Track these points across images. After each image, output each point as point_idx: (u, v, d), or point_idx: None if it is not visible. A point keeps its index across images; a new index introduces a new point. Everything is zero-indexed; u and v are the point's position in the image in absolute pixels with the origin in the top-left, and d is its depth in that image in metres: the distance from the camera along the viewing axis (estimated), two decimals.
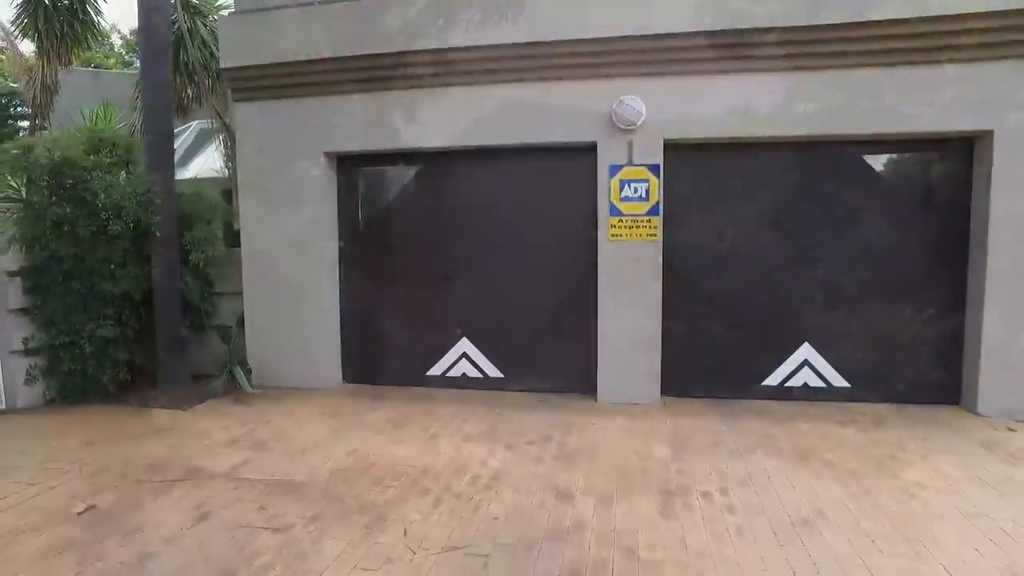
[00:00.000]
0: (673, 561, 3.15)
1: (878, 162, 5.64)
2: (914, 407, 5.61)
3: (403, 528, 3.49)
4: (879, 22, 5.14)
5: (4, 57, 12.77)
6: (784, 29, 5.27)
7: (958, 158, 5.49)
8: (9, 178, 9.53)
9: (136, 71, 22.40)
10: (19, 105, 23.29)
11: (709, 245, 5.87)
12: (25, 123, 23.33)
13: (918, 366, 5.70)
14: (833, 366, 5.82)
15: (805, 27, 5.24)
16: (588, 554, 3.22)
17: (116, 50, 25.23)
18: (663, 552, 3.24)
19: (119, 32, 25.44)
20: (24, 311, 5.86)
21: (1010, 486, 4.00)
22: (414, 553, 3.22)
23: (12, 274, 5.77)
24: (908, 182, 5.67)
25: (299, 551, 3.24)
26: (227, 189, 9.27)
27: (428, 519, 3.59)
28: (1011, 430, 5.07)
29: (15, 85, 21.01)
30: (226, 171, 9.68)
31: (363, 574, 3.03)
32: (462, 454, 4.62)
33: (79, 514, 3.63)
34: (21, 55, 12.99)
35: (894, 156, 5.64)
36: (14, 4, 8.57)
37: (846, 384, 5.80)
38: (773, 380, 5.90)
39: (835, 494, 3.92)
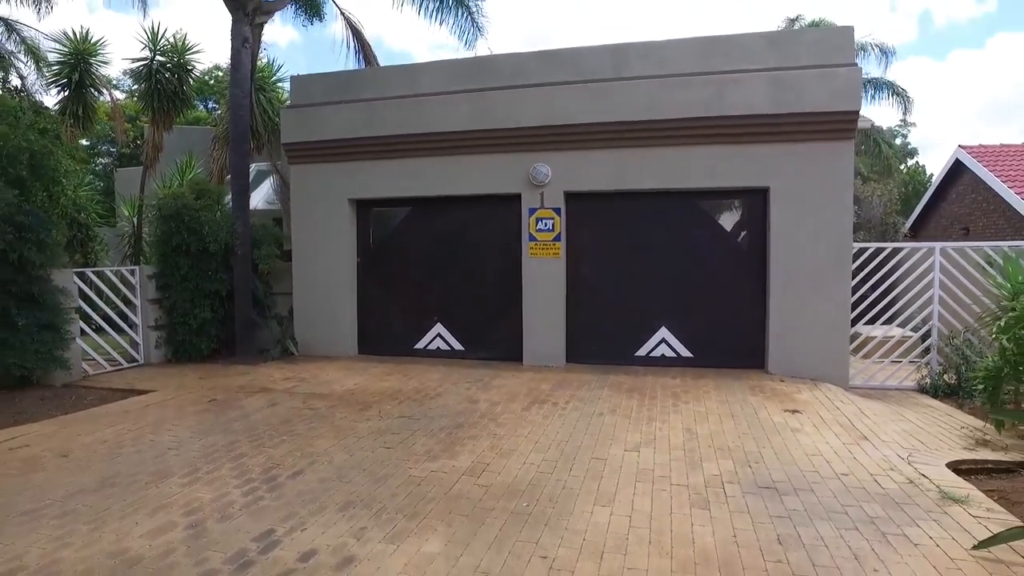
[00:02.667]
0: (513, 423, 6.08)
1: (707, 205, 8.53)
2: (733, 370, 8.39)
3: (379, 410, 6.51)
4: (696, 118, 8.05)
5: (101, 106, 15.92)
6: (636, 122, 8.21)
7: (757, 202, 8.33)
8: (127, 212, 13.02)
9: (203, 115, 25.95)
10: (102, 144, 27.36)
11: (596, 260, 8.82)
12: (104, 160, 27.41)
13: (738, 341, 8.50)
14: (682, 342, 8.67)
15: (648, 120, 8.17)
16: (471, 419, 6.18)
17: None
18: (511, 420, 6.18)
19: None
20: (156, 301, 9.10)
21: (737, 402, 6.81)
22: (381, 418, 6.23)
23: (150, 277, 9.02)
24: (728, 218, 8.56)
25: (323, 416, 6.30)
26: (277, 217, 12.52)
27: (393, 408, 6.61)
28: (781, 381, 7.85)
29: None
30: (277, 203, 12.93)
31: (354, 422, 6.05)
32: (423, 385, 7.63)
33: (209, 402, 6.77)
34: (120, 109, 16.52)
35: (717, 201, 8.52)
36: (136, 88, 12.02)
37: (691, 355, 8.65)
38: (642, 352, 8.77)
39: (632, 405, 6.79)
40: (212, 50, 51.74)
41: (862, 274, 8.11)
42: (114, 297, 8.69)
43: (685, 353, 8.65)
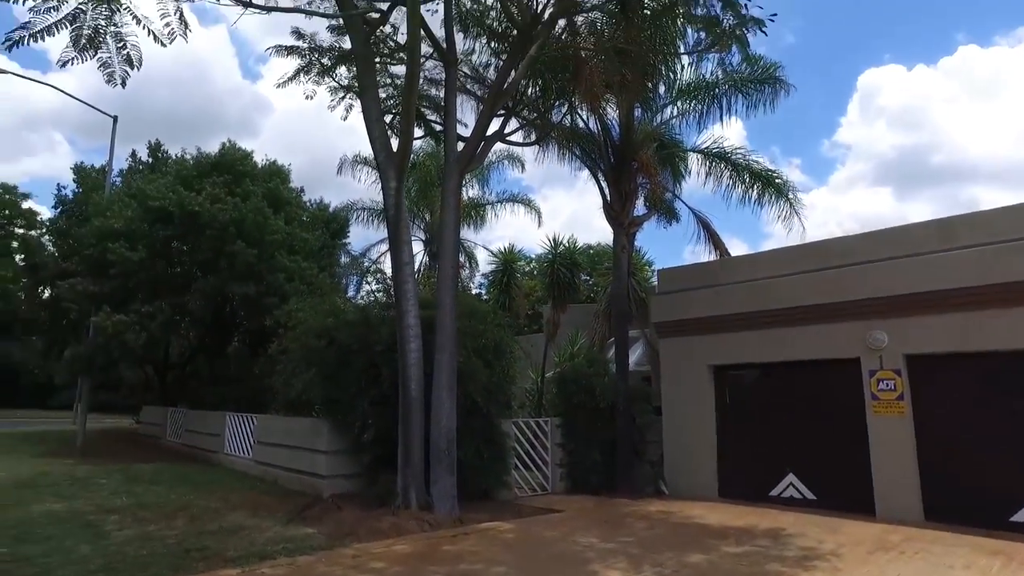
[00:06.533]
0: (855, 562, 7.05)
1: None
2: None
3: (735, 540, 8.05)
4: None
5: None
6: (970, 288, 8.79)
7: None
8: (533, 376, 17.02)
9: (585, 286, 30.94)
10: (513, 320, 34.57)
11: (949, 418, 9.13)
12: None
13: None
14: None
15: (983, 285, 8.69)
16: (816, 554, 7.30)
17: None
18: (854, 560, 7.13)
19: None
20: (560, 445, 12.15)
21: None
22: (738, 545, 7.76)
23: (557, 426, 12.18)
24: None
25: (692, 538, 8.09)
26: (646, 376, 15.11)
27: (748, 540, 8.07)
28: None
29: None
30: (646, 365, 15.60)
31: (716, 545, 7.70)
32: (775, 525, 8.88)
33: (604, 522, 9.14)
34: (522, 291, 21.50)
35: None
36: (530, 271, 16.38)
37: None
38: (1018, 518, 8.52)
39: (995, 566, 7.11)
40: (587, 232, 61.06)
41: None
42: (534, 440, 11.96)
43: None
